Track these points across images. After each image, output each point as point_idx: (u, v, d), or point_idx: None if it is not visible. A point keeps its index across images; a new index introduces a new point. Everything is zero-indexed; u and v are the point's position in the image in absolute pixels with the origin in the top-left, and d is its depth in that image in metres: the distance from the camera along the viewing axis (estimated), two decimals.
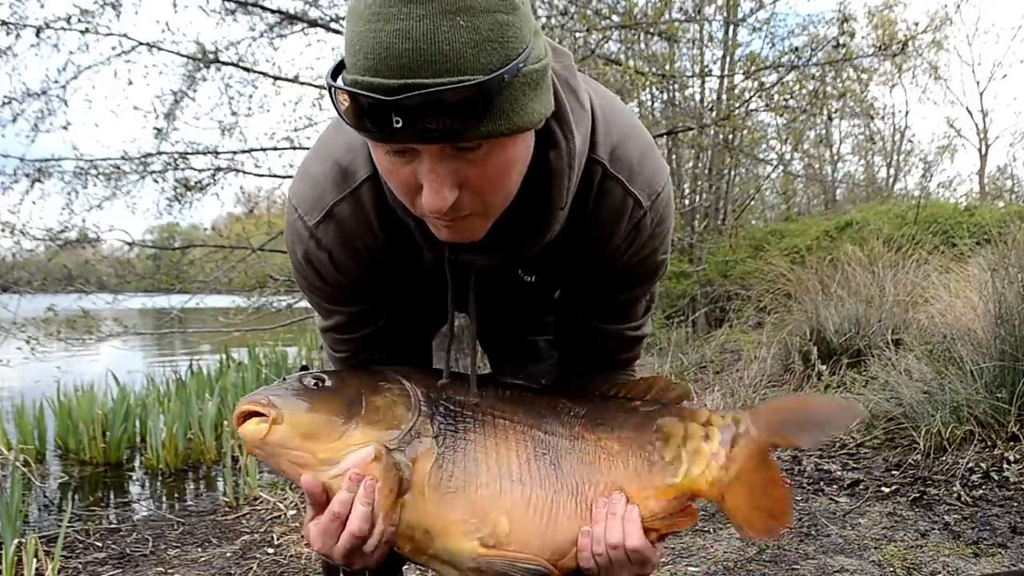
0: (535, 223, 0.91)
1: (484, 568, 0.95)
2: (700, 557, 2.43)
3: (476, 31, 0.69)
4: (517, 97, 0.73)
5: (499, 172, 0.79)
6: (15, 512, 2.59)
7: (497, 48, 0.70)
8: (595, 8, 5.65)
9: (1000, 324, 3.28)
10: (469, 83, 0.68)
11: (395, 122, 0.69)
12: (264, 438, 0.95)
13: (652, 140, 1.02)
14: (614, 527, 0.97)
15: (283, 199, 7.08)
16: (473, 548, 0.95)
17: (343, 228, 0.96)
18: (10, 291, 5.97)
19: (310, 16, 5.75)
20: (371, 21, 0.69)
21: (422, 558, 0.98)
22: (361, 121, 0.72)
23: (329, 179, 0.95)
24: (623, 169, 0.96)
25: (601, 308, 1.09)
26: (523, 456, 1.01)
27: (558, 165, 0.86)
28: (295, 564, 2.51)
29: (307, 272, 1.01)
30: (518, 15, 0.72)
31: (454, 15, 0.68)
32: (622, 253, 1.01)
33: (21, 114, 5.67)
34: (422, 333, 1.20)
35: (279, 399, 0.97)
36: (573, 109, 0.87)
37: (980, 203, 12.12)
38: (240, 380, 5.60)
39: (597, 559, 0.97)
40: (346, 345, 1.11)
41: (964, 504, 2.76)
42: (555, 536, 0.98)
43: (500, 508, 0.96)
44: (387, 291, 1.04)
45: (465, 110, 0.69)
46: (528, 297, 1.08)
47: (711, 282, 7.95)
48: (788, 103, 6.16)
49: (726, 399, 3.73)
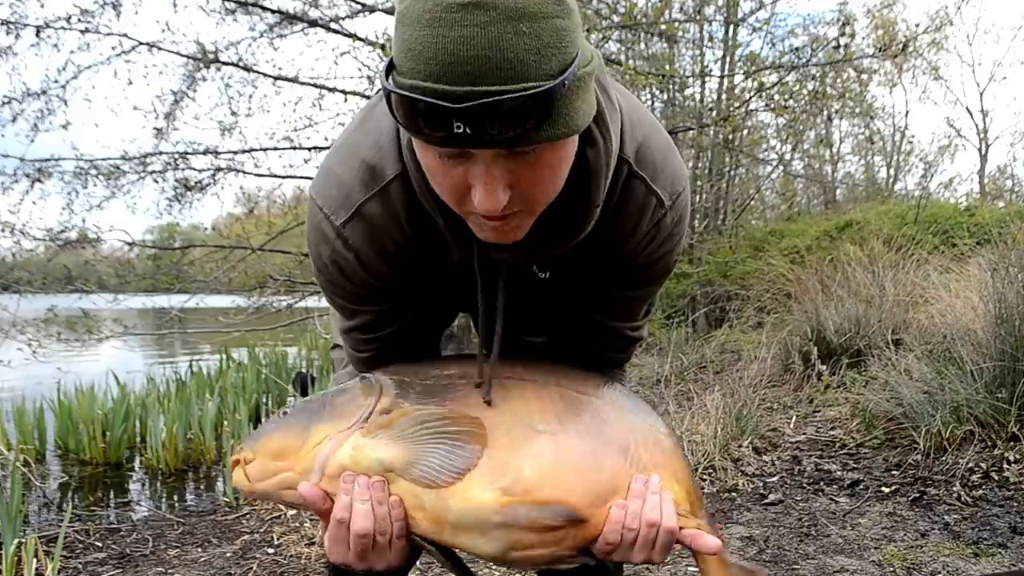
0: (571, 221, 0.91)
1: (510, 521, 0.89)
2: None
3: (538, 37, 0.69)
4: (572, 101, 0.73)
5: (550, 172, 0.79)
6: (15, 512, 2.58)
7: (556, 54, 0.70)
8: (595, 8, 5.66)
9: (1000, 324, 3.28)
10: (534, 91, 0.68)
11: (456, 127, 0.69)
12: (249, 479, 0.97)
13: (672, 142, 1.03)
14: (655, 504, 0.96)
15: (283, 199, 7.09)
16: (494, 498, 0.89)
17: (372, 227, 0.95)
18: (10, 291, 5.97)
19: (310, 16, 5.76)
20: (432, 26, 0.69)
21: (444, 533, 0.92)
22: (417, 124, 0.72)
23: (357, 178, 0.94)
24: (647, 167, 0.96)
25: (607, 304, 1.09)
26: (550, 408, 0.98)
27: (596, 163, 0.87)
28: (295, 564, 2.51)
29: (332, 273, 1.00)
30: (572, 19, 0.73)
31: (517, 21, 0.68)
32: (640, 251, 1.01)
33: (21, 114, 5.68)
34: (434, 331, 1.20)
35: (247, 442, 1.00)
36: (606, 107, 0.88)
37: (980, 203, 12.12)
38: (240, 380, 5.60)
39: (625, 534, 0.95)
40: (370, 344, 1.10)
41: (964, 504, 2.76)
42: (595, 486, 0.94)
43: (522, 455, 0.92)
44: (412, 289, 1.03)
45: (526, 116, 0.69)
46: (538, 294, 1.08)
47: (711, 282, 7.94)
48: (788, 103, 6.16)
49: (726, 399, 3.73)
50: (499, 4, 0.67)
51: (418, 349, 1.12)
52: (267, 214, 7.05)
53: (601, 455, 0.96)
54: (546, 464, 0.92)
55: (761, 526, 2.69)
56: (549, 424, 0.96)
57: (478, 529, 0.90)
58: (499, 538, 0.90)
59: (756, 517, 2.79)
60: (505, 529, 0.90)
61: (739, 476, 3.20)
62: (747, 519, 2.78)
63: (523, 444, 0.93)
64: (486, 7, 0.67)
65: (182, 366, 6.60)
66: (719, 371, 5.25)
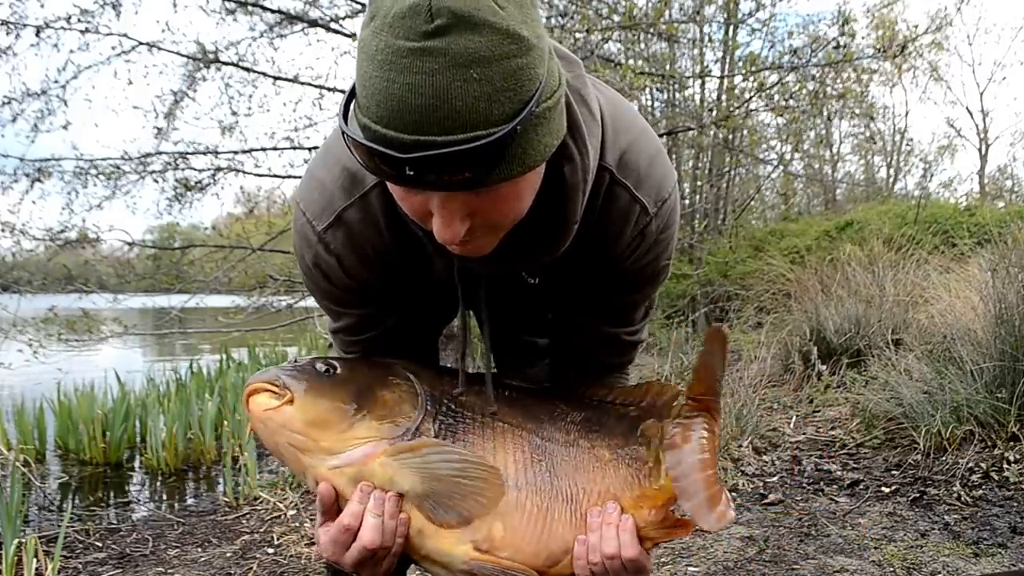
0: (548, 237, 0.91)
1: (476, 571, 0.95)
2: (700, 557, 2.43)
3: (490, 83, 0.67)
4: (530, 138, 0.72)
5: (509, 201, 0.79)
6: (15, 512, 2.58)
7: (511, 96, 0.69)
8: (595, 8, 5.65)
9: (1000, 324, 3.28)
10: (483, 140, 0.67)
11: (407, 171, 0.69)
12: (271, 415, 0.95)
13: (661, 146, 1.02)
14: (609, 537, 0.97)
15: (283, 199, 7.09)
16: (466, 551, 0.95)
17: (352, 233, 0.95)
18: (10, 291, 5.97)
19: (310, 16, 5.75)
20: (383, 68, 0.68)
21: (415, 556, 0.99)
22: (373, 162, 0.72)
23: (338, 184, 0.94)
24: (630, 175, 0.96)
25: (601, 310, 1.09)
26: (520, 461, 1.00)
27: (573, 180, 0.86)
28: (295, 564, 2.51)
29: (316, 276, 1.01)
30: (531, 55, 0.70)
31: (467, 68, 0.66)
32: (626, 258, 1.01)
33: (21, 114, 5.66)
34: (430, 330, 1.20)
35: (292, 381, 0.97)
36: (585, 121, 0.87)
37: (980, 203, 12.13)
38: (240, 380, 5.60)
39: (592, 568, 0.97)
40: (356, 346, 1.12)
41: (964, 504, 2.76)
42: (549, 543, 0.98)
43: (495, 512, 0.96)
44: (396, 293, 1.04)
45: (475, 162, 0.69)
46: (529, 298, 1.08)
47: (711, 282, 7.95)
48: (788, 103, 6.16)
49: (726, 399, 3.73)
50: (449, 50, 0.66)
51: (413, 350, 1.12)
52: (267, 214, 7.04)
53: (552, 510, 0.99)
54: (511, 523, 0.96)
55: (761, 526, 2.69)
56: (518, 478, 0.99)
57: (445, 567, 0.97)
58: None
59: (756, 517, 2.79)
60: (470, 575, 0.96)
61: (739, 476, 3.20)
62: (747, 519, 2.78)
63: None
64: (435, 53, 0.66)
65: (182, 366, 6.60)
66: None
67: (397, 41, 0.67)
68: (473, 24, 0.66)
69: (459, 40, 0.66)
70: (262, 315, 6.53)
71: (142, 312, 7.51)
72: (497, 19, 0.67)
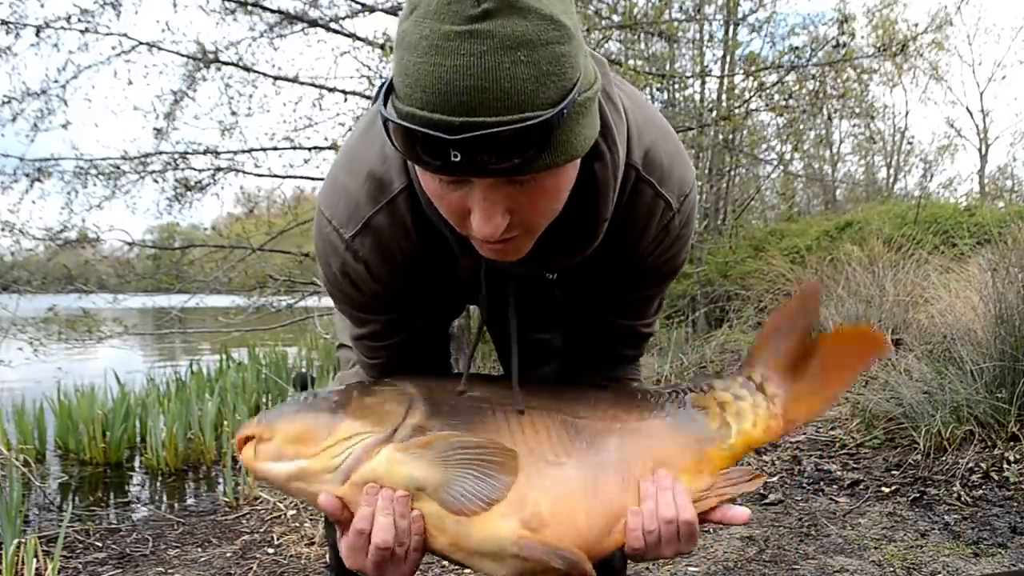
0: (579, 235, 0.91)
1: (526, 553, 0.92)
2: (700, 557, 2.43)
3: (536, 66, 0.68)
4: (572, 127, 0.73)
5: (550, 196, 0.79)
6: (15, 512, 2.58)
7: (556, 81, 0.69)
8: (595, 8, 5.65)
9: (1000, 324, 3.28)
10: (531, 122, 0.68)
11: (453, 156, 0.69)
12: (260, 450, 0.96)
13: (680, 142, 1.03)
14: (666, 502, 0.96)
15: (283, 199, 7.09)
16: (514, 529, 0.92)
17: (380, 239, 0.95)
18: (10, 291, 5.97)
19: (310, 16, 5.75)
20: (429, 53, 0.68)
21: (460, 554, 0.96)
22: (415, 152, 0.72)
23: (364, 190, 0.93)
24: (655, 171, 0.96)
25: (618, 304, 1.10)
26: (555, 438, 1.00)
27: (604, 177, 0.87)
28: (295, 564, 2.51)
29: (343, 284, 1.00)
30: (572, 44, 0.71)
31: (515, 50, 0.67)
32: (649, 254, 1.02)
33: (21, 113, 5.67)
34: (444, 331, 1.20)
35: (267, 417, 0.99)
36: (612, 118, 0.87)
37: (980, 203, 12.13)
38: (240, 380, 5.59)
39: (647, 537, 0.96)
40: (381, 352, 1.10)
41: (964, 504, 2.76)
42: (601, 513, 0.96)
43: (537, 488, 0.94)
44: (421, 296, 1.03)
45: (523, 146, 0.69)
46: (547, 294, 1.08)
47: (711, 282, 7.94)
48: (788, 103, 6.16)
49: None
50: (497, 32, 0.66)
51: (429, 353, 1.12)
52: (267, 214, 7.05)
53: (602, 480, 0.98)
54: (559, 498, 0.95)
55: (761, 526, 2.69)
56: (557, 453, 0.98)
57: (495, 557, 0.94)
58: (513, 565, 0.94)
59: (756, 517, 2.79)
60: (520, 559, 0.93)
61: None
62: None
63: (536, 475, 0.95)
64: (483, 36, 0.66)
65: (182, 366, 6.60)
66: (719, 371, 5.25)
67: (443, 26, 0.67)
68: (519, 8, 0.67)
69: (506, 23, 0.67)
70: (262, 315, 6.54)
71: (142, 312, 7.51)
72: (541, 5, 0.68)
